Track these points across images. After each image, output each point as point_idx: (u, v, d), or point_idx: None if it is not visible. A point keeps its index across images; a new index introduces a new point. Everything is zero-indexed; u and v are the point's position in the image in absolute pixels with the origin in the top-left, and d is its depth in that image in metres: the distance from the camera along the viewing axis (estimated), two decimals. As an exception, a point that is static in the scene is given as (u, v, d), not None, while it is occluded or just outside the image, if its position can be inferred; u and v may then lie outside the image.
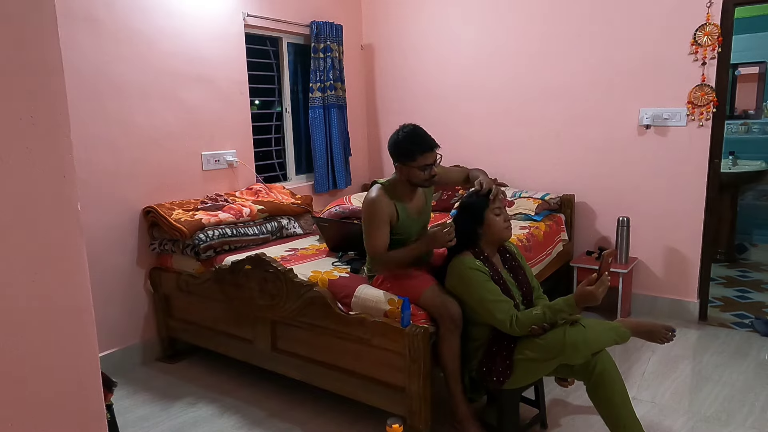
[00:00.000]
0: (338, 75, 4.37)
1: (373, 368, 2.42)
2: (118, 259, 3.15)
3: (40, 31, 0.81)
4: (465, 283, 2.23)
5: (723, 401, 2.69)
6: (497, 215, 2.30)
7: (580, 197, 3.97)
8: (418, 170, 2.35)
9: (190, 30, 3.40)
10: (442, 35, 4.36)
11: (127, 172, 3.14)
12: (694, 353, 3.24)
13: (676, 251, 3.68)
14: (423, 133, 2.37)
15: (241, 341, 2.93)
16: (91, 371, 0.91)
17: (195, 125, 3.47)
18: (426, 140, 2.35)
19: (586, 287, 2.05)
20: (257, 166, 3.98)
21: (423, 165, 2.34)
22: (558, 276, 3.87)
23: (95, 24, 2.93)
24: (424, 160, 2.33)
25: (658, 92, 3.57)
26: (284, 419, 2.66)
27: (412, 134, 2.36)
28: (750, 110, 5.34)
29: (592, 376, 2.13)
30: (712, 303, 3.92)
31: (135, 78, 3.13)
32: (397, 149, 2.38)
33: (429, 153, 2.34)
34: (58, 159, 0.84)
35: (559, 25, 3.86)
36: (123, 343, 3.21)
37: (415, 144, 2.33)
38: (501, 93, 4.16)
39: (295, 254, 3.08)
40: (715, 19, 3.34)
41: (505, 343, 2.20)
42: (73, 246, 0.87)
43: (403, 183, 2.44)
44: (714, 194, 3.52)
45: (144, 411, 2.77)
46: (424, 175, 2.36)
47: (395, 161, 2.40)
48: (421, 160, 2.33)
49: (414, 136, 2.35)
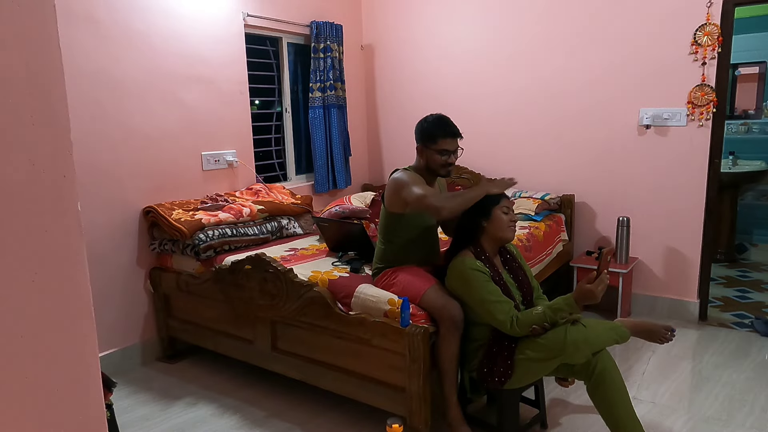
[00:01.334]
0: (338, 75, 4.37)
1: (373, 368, 2.42)
2: (118, 259, 3.15)
3: (40, 31, 0.81)
4: (466, 283, 2.23)
5: (723, 401, 2.69)
6: (505, 213, 2.31)
7: (580, 197, 3.98)
8: (437, 154, 2.44)
9: (191, 30, 3.40)
10: (442, 35, 4.36)
11: (127, 172, 3.14)
12: (694, 353, 3.24)
13: (676, 251, 3.68)
14: (448, 120, 2.51)
15: (241, 341, 2.93)
16: (91, 371, 0.91)
17: (195, 125, 3.47)
18: (450, 126, 2.48)
19: (585, 285, 2.05)
20: (257, 166, 3.98)
21: (443, 150, 2.43)
22: (558, 276, 3.87)
23: (95, 24, 2.93)
24: (444, 144, 2.44)
25: (658, 92, 3.57)
26: (284, 419, 2.66)
27: (438, 119, 2.50)
28: (750, 110, 5.34)
29: (592, 375, 2.13)
30: (712, 303, 3.92)
31: (135, 78, 3.13)
32: (421, 130, 2.50)
33: (451, 139, 2.45)
34: (58, 159, 0.84)
35: (559, 25, 3.86)
36: (123, 343, 3.21)
37: (439, 128, 2.46)
38: (501, 93, 4.16)
39: (295, 254, 3.08)
40: (715, 19, 3.34)
41: (506, 343, 2.20)
42: (73, 246, 0.87)
43: (422, 169, 2.52)
44: (714, 194, 3.52)
45: (144, 411, 2.77)
46: (442, 159, 2.45)
47: (418, 142, 2.51)
48: (442, 143, 2.43)
49: (439, 121, 2.49)
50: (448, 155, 2.45)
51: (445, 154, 2.44)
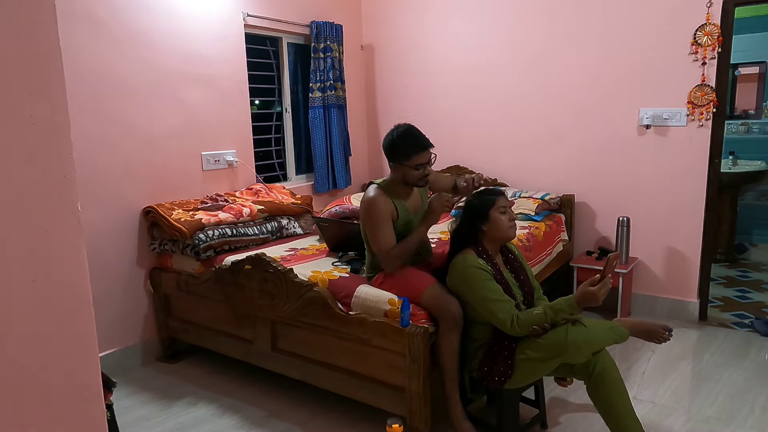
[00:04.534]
0: (338, 75, 4.37)
1: (373, 368, 2.42)
2: (118, 259, 3.15)
3: (40, 31, 0.81)
4: (467, 281, 2.23)
5: (723, 401, 2.69)
6: (502, 213, 2.31)
7: (580, 197, 3.98)
8: (412, 170, 2.38)
9: (191, 30, 3.40)
10: (443, 35, 4.36)
11: (127, 172, 3.14)
12: (694, 353, 3.24)
13: (676, 251, 3.68)
14: (417, 132, 2.41)
15: (241, 341, 2.93)
16: (91, 371, 0.91)
17: (195, 125, 3.47)
18: (420, 140, 2.39)
19: (588, 288, 2.05)
20: (257, 166, 3.98)
21: (417, 164, 2.38)
22: (558, 276, 3.87)
23: (96, 24, 2.93)
24: (418, 160, 2.37)
25: (658, 92, 3.57)
26: (284, 419, 2.66)
27: (407, 134, 2.40)
28: (750, 110, 5.34)
29: (592, 375, 2.13)
30: (712, 303, 3.92)
31: (135, 78, 3.13)
32: (392, 149, 2.42)
33: (423, 152, 2.38)
34: (58, 159, 0.84)
35: (559, 25, 3.86)
36: (123, 343, 3.21)
37: (409, 144, 2.37)
38: (501, 93, 4.16)
39: (295, 254, 3.08)
40: (715, 19, 3.34)
41: (506, 342, 2.20)
42: (73, 246, 0.87)
43: (398, 183, 2.47)
44: (714, 194, 3.52)
45: (144, 411, 2.77)
46: (418, 173, 2.40)
47: (390, 161, 2.44)
48: (416, 159, 2.36)
49: (408, 136, 2.39)
50: (423, 168, 2.40)
51: (420, 168, 2.39)
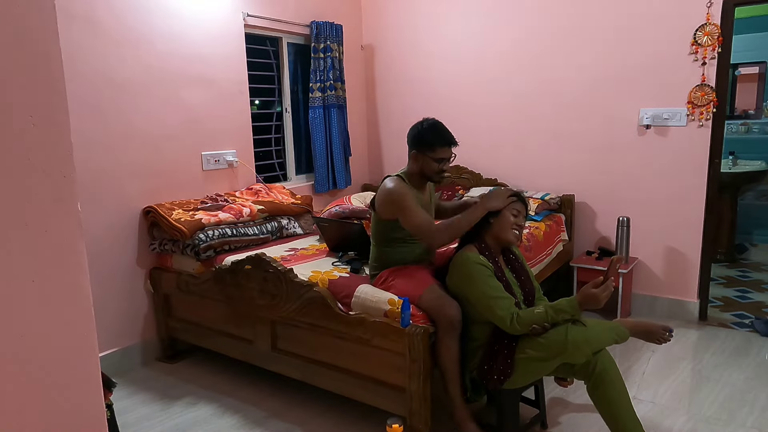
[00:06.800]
0: (338, 75, 4.37)
1: (373, 368, 2.42)
2: (118, 259, 3.15)
3: (40, 31, 0.81)
4: (467, 277, 2.23)
5: (723, 401, 2.69)
6: (514, 216, 2.32)
7: (580, 197, 3.98)
8: (433, 162, 2.44)
9: (190, 30, 3.40)
10: (443, 35, 4.36)
11: (127, 172, 3.14)
12: (694, 353, 3.24)
13: (676, 251, 3.68)
14: (445, 128, 2.49)
15: (241, 341, 2.93)
16: (91, 371, 0.91)
17: (195, 125, 3.47)
18: (447, 135, 2.46)
19: (591, 290, 2.05)
20: (257, 166, 3.98)
21: (439, 158, 2.43)
22: (558, 276, 3.87)
23: (95, 24, 2.93)
24: (441, 153, 2.43)
25: (658, 92, 3.57)
26: (284, 419, 2.66)
27: (436, 126, 2.48)
28: (750, 110, 5.34)
29: (592, 375, 2.13)
30: (712, 303, 3.92)
31: (135, 78, 3.13)
32: (418, 137, 2.46)
33: (448, 147, 2.45)
34: (58, 159, 0.84)
35: (558, 25, 3.86)
36: (123, 343, 3.21)
37: (437, 136, 2.44)
38: (501, 93, 4.16)
39: (295, 254, 3.08)
40: (715, 19, 3.34)
41: (506, 341, 2.20)
42: (73, 246, 0.87)
43: (415, 174, 2.51)
44: (714, 194, 3.52)
45: (144, 411, 2.77)
46: (437, 167, 2.45)
47: (412, 149, 2.48)
48: (439, 152, 2.43)
49: (437, 129, 2.47)
50: (443, 163, 2.45)
51: (441, 162, 2.44)
